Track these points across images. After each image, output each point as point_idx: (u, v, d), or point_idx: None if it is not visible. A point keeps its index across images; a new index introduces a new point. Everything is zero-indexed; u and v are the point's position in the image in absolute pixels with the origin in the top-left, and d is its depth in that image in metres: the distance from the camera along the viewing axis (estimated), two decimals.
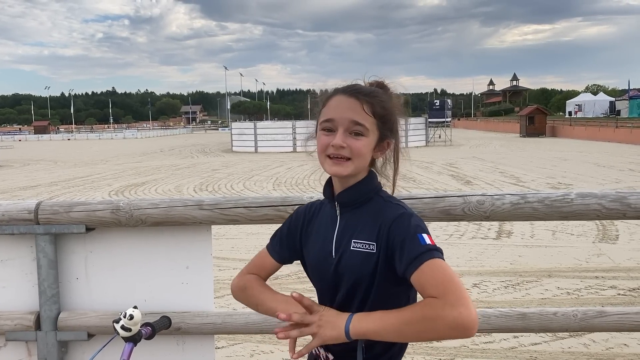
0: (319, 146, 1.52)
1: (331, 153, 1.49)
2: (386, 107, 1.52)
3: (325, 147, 1.50)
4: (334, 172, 1.51)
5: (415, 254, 1.36)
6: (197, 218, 2.32)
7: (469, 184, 16.82)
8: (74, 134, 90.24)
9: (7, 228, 2.37)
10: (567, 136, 46.72)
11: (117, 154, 38.18)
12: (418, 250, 1.37)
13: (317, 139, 1.54)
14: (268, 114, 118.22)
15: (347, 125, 1.48)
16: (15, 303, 2.46)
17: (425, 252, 1.36)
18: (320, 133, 1.53)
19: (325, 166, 1.52)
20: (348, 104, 1.49)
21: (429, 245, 1.38)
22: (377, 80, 1.58)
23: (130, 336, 1.75)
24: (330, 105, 1.52)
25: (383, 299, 1.48)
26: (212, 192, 16.54)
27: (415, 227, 1.42)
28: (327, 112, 1.52)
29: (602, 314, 2.32)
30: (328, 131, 1.51)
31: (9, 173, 25.27)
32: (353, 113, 1.48)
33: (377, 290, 1.48)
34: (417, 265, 1.35)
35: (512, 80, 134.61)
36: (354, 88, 1.52)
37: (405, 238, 1.40)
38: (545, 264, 7.64)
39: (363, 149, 1.49)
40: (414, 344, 4.85)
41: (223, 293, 6.54)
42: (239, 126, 43.37)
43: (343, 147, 1.47)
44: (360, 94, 1.50)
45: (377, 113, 1.50)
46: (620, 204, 2.15)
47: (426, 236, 1.40)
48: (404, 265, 1.38)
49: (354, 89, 1.52)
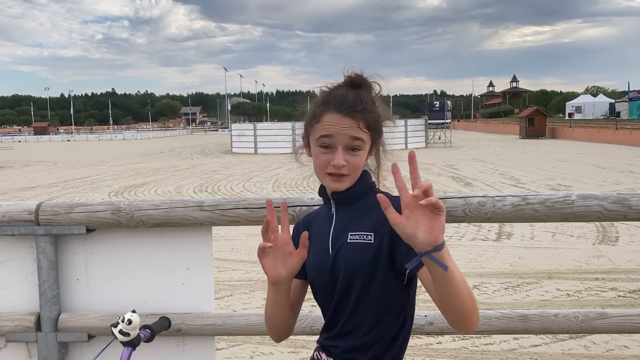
0: (318, 163, 1.54)
1: (332, 172, 1.52)
2: (377, 118, 1.56)
3: (325, 165, 1.53)
4: (334, 188, 1.55)
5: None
6: (197, 219, 2.31)
7: (469, 186, 16.82)
8: (73, 135, 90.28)
9: (7, 229, 2.36)
10: (566, 138, 46.74)
11: (117, 155, 38.18)
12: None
13: (314, 155, 1.56)
14: (268, 115, 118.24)
15: (346, 145, 1.51)
16: (16, 304, 2.46)
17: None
18: (317, 150, 1.54)
19: (325, 182, 1.56)
20: (344, 123, 1.50)
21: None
22: (356, 73, 1.58)
23: (129, 340, 1.74)
24: (326, 122, 1.52)
25: (382, 292, 1.50)
26: (212, 193, 16.53)
27: None
28: (323, 128, 1.52)
29: (603, 315, 2.32)
30: (325, 148, 1.53)
31: (9, 174, 25.27)
32: (351, 132, 1.50)
33: (375, 282, 1.49)
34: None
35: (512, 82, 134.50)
36: (347, 106, 1.51)
37: None
38: (546, 265, 7.64)
39: (360, 163, 1.54)
40: (415, 345, 4.85)
41: (223, 294, 6.54)
42: (239, 127, 43.38)
43: (344, 166, 1.51)
44: (355, 112, 1.50)
45: (371, 126, 1.54)
46: (621, 206, 2.15)
47: None
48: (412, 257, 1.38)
49: (348, 108, 1.50)
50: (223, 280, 7.17)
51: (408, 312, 1.57)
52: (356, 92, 1.55)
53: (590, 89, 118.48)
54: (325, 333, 1.64)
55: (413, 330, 2.32)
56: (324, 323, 1.65)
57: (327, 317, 1.62)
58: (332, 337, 1.60)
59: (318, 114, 1.55)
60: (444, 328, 2.33)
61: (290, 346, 4.89)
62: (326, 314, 1.62)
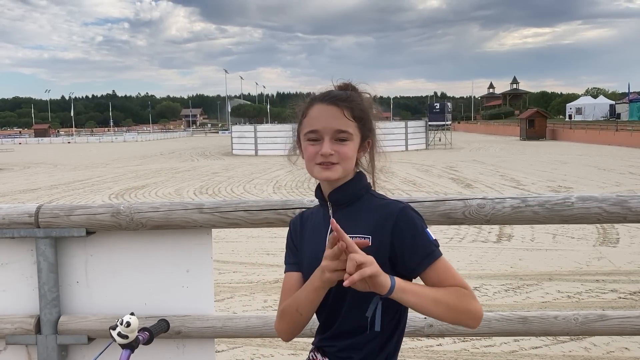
0: (307, 155, 1.57)
1: (320, 161, 1.54)
2: (363, 109, 1.59)
3: (313, 156, 1.55)
4: (324, 177, 1.56)
5: (428, 251, 1.49)
6: (197, 221, 2.32)
7: (469, 187, 16.82)
8: (74, 137, 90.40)
9: (7, 232, 2.37)
10: (567, 139, 46.74)
11: (117, 157, 38.21)
12: (430, 247, 1.49)
13: (304, 149, 1.60)
14: (268, 117, 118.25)
15: (332, 134, 1.53)
16: (16, 307, 2.46)
17: (436, 249, 1.50)
18: (306, 144, 1.58)
19: (314, 173, 1.57)
20: (329, 112, 1.54)
21: (435, 242, 1.51)
22: (345, 82, 1.63)
23: (128, 343, 1.74)
24: (312, 115, 1.57)
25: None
26: (212, 195, 16.54)
27: (420, 222, 1.53)
28: (309, 122, 1.57)
29: (603, 317, 2.32)
30: (314, 141, 1.55)
31: (9, 176, 25.29)
32: (336, 121, 1.53)
33: None
34: (430, 261, 1.48)
35: (512, 84, 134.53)
36: (331, 95, 1.56)
37: (415, 233, 1.50)
38: (546, 267, 7.64)
39: (349, 153, 1.55)
40: (416, 347, 4.85)
41: (223, 297, 6.54)
42: (239, 129, 43.42)
43: (332, 154, 1.52)
44: (339, 101, 1.55)
45: (357, 116, 1.56)
46: (621, 208, 2.15)
47: (429, 231, 1.53)
48: (417, 260, 1.48)
49: (332, 97, 1.56)
50: (223, 282, 7.17)
51: (403, 311, 1.60)
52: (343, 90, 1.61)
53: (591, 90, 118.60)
54: (320, 334, 1.65)
55: (413, 333, 2.33)
56: (318, 325, 1.66)
57: (323, 318, 1.63)
58: (327, 338, 1.61)
59: (305, 109, 1.60)
60: (444, 330, 2.33)
61: (290, 348, 4.89)
62: (321, 315, 1.62)
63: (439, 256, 1.49)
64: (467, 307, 1.45)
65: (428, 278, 1.49)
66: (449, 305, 1.44)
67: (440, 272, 1.48)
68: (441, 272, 1.48)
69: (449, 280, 1.48)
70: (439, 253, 1.50)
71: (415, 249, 1.48)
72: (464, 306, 1.45)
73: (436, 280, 1.48)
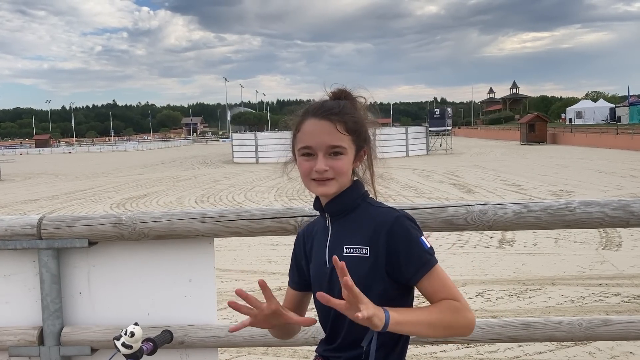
0: (302, 171, 1.58)
1: (316, 177, 1.54)
2: (357, 121, 1.57)
3: (308, 171, 1.55)
4: (321, 192, 1.57)
5: (423, 260, 1.48)
6: (199, 231, 2.32)
7: (470, 193, 16.81)
8: (75, 147, 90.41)
9: (10, 243, 2.37)
10: (567, 143, 46.72)
11: (118, 167, 38.24)
12: (424, 256, 1.48)
13: (299, 165, 1.60)
14: (269, 125, 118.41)
15: (326, 149, 1.53)
16: (18, 318, 2.46)
17: (431, 258, 1.49)
18: (300, 159, 1.58)
19: (311, 188, 1.58)
20: (322, 127, 1.53)
21: (430, 250, 1.50)
22: (339, 88, 1.63)
23: (132, 353, 1.74)
24: (305, 130, 1.56)
25: (381, 303, 1.48)
26: (214, 203, 16.53)
27: (415, 230, 1.52)
28: (302, 138, 1.56)
29: (607, 322, 2.31)
30: (308, 156, 1.55)
31: (11, 187, 25.31)
32: (329, 137, 1.52)
33: (372, 294, 1.48)
34: (425, 271, 1.48)
35: (512, 88, 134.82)
36: (324, 109, 1.55)
37: (410, 243, 1.48)
38: (549, 272, 7.62)
39: (344, 167, 1.55)
40: (420, 353, 4.83)
41: (226, 305, 6.52)
42: (240, 137, 43.47)
43: (326, 170, 1.52)
44: (332, 115, 1.53)
45: (351, 129, 1.55)
46: (623, 212, 2.15)
47: (424, 239, 1.52)
48: (412, 270, 1.48)
49: (324, 111, 1.55)
50: (226, 291, 7.16)
51: None
52: (335, 100, 1.59)
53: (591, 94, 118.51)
54: (325, 345, 1.64)
55: (417, 340, 2.32)
56: (325, 335, 1.66)
57: (327, 329, 1.62)
58: (333, 349, 1.61)
59: (298, 124, 1.59)
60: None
61: (294, 357, 4.87)
62: (326, 325, 1.62)
63: (434, 265, 1.49)
64: (461, 322, 1.46)
65: (423, 288, 1.50)
66: (444, 325, 1.45)
67: (434, 283, 1.49)
68: (435, 283, 1.49)
69: (443, 292, 1.48)
70: (434, 262, 1.49)
71: (410, 259, 1.48)
72: (458, 322, 1.46)
73: (430, 291, 1.49)
